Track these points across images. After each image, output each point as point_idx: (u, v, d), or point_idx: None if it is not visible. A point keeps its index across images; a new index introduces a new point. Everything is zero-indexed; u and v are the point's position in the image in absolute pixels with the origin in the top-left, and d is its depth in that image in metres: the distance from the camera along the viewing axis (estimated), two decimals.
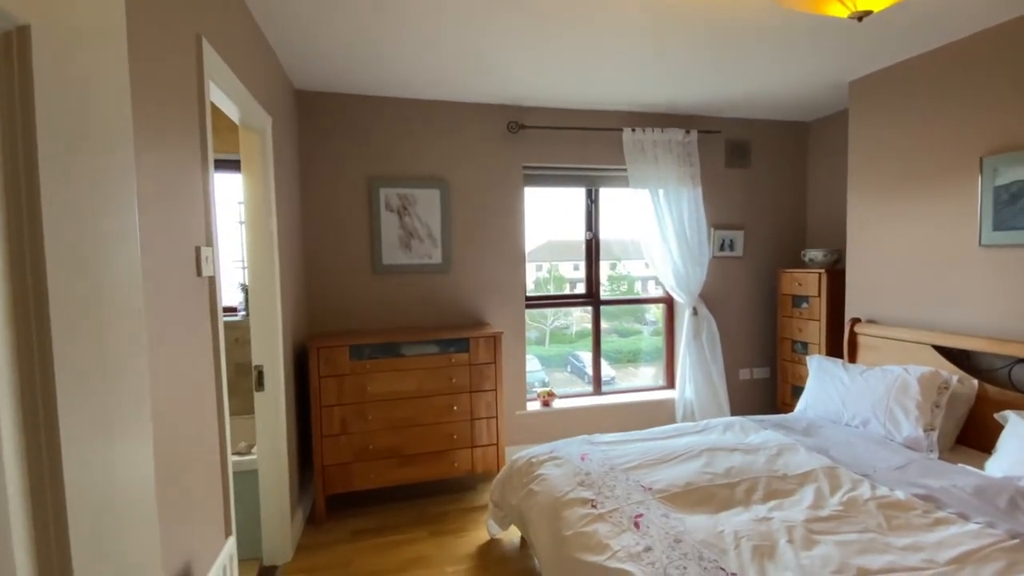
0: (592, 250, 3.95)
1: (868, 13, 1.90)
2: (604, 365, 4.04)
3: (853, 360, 3.15)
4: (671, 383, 4.09)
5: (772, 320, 4.07)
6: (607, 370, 4.09)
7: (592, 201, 3.92)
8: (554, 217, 3.98)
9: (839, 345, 3.32)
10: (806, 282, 3.60)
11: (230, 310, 3.21)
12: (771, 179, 4.06)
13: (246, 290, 2.90)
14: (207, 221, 1.64)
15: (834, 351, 3.39)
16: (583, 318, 4.14)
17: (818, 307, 3.51)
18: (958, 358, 2.62)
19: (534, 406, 3.74)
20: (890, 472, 2.15)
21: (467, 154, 3.48)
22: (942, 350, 2.65)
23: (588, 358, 4.04)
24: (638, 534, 1.76)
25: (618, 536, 1.76)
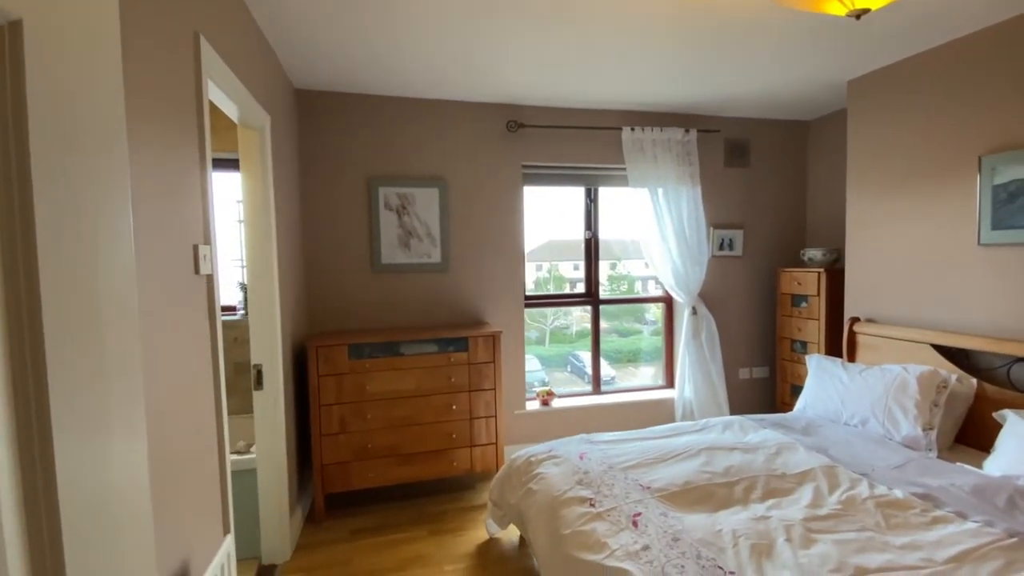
0: (592, 249, 3.94)
1: (866, 11, 1.90)
2: (604, 365, 4.04)
3: (852, 359, 3.15)
4: (670, 382, 4.08)
5: (771, 319, 4.06)
6: (607, 370, 4.08)
7: (591, 200, 3.92)
8: (554, 216, 3.98)
9: (838, 344, 3.32)
10: (805, 281, 3.60)
11: (229, 309, 3.21)
12: (770, 178, 4.06)
13: (245, 289, 2.90)
14: (205, 219, 1.64)
15: (833, 350, 3.39)
16: (583, 318, 4.14)
17: (817, 306, 3.51)
18: (957, 357, 2.62)
19: (533, 405, 3.74)
20: (889, 471, 2.15)
21: (466, 153, 3.48)
22: (941, 349, 2.65)
23: (588, 358, 4.04)
24: (636, 533, 1.76)
25: (616, 535, 1.76)
